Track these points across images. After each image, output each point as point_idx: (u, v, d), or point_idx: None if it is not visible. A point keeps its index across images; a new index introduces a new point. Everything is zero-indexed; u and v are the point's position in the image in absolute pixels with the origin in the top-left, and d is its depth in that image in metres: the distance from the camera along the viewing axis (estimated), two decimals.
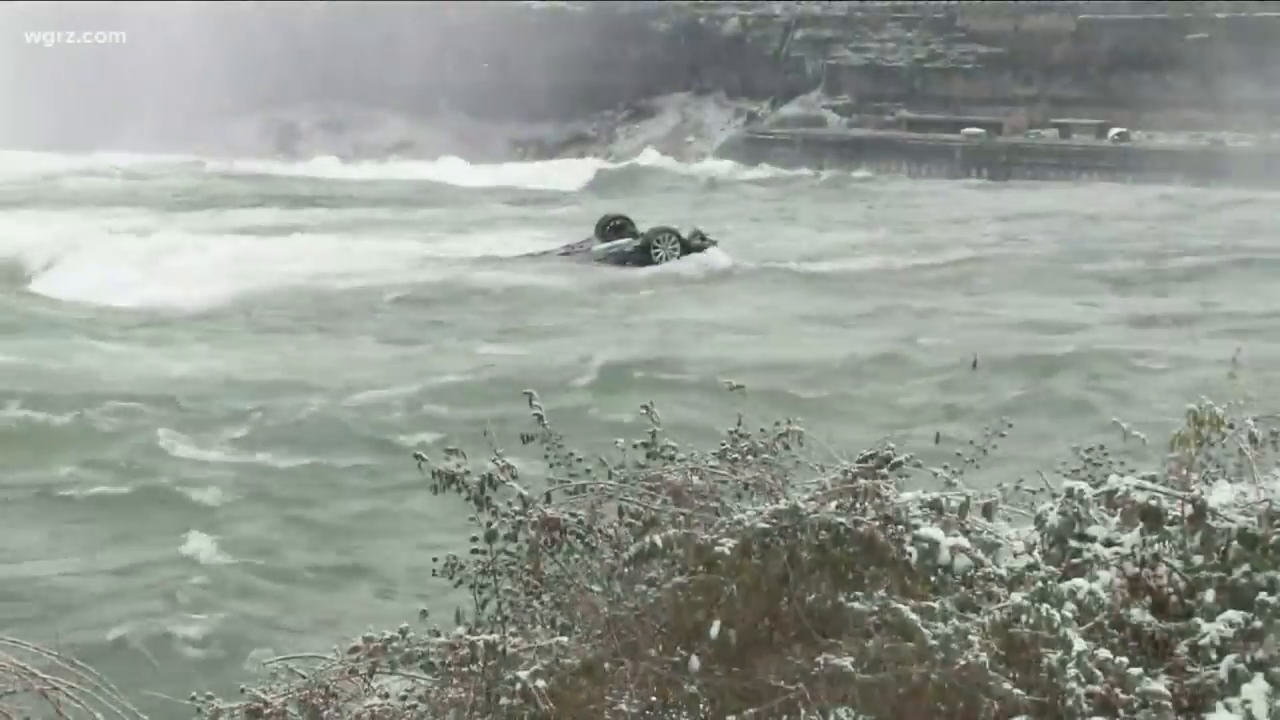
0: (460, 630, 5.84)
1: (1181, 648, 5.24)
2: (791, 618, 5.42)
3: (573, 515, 5.99)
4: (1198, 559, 5.44)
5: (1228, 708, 5.00)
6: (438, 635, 5.86)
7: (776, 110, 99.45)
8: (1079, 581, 5.31)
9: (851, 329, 36.83)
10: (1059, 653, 5.04)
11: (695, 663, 5.40)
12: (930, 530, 5.44)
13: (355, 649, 5.91)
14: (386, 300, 41.23)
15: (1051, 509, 5.60)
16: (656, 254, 47.86)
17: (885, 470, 5.68)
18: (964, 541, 5.46)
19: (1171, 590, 5.46)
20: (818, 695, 5.14)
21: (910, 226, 61.03)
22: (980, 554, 5.49)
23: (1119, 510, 5.48)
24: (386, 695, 6.01)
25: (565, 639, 5.67)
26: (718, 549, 5.43)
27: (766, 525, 5.44)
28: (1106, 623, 5.27)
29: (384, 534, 20.15)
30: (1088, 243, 55.30)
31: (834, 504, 5.53)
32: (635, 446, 6.29)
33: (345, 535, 20.41)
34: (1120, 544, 5.50)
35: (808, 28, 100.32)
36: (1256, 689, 5.01)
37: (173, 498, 21.72)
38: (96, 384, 29.00)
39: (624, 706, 5.54)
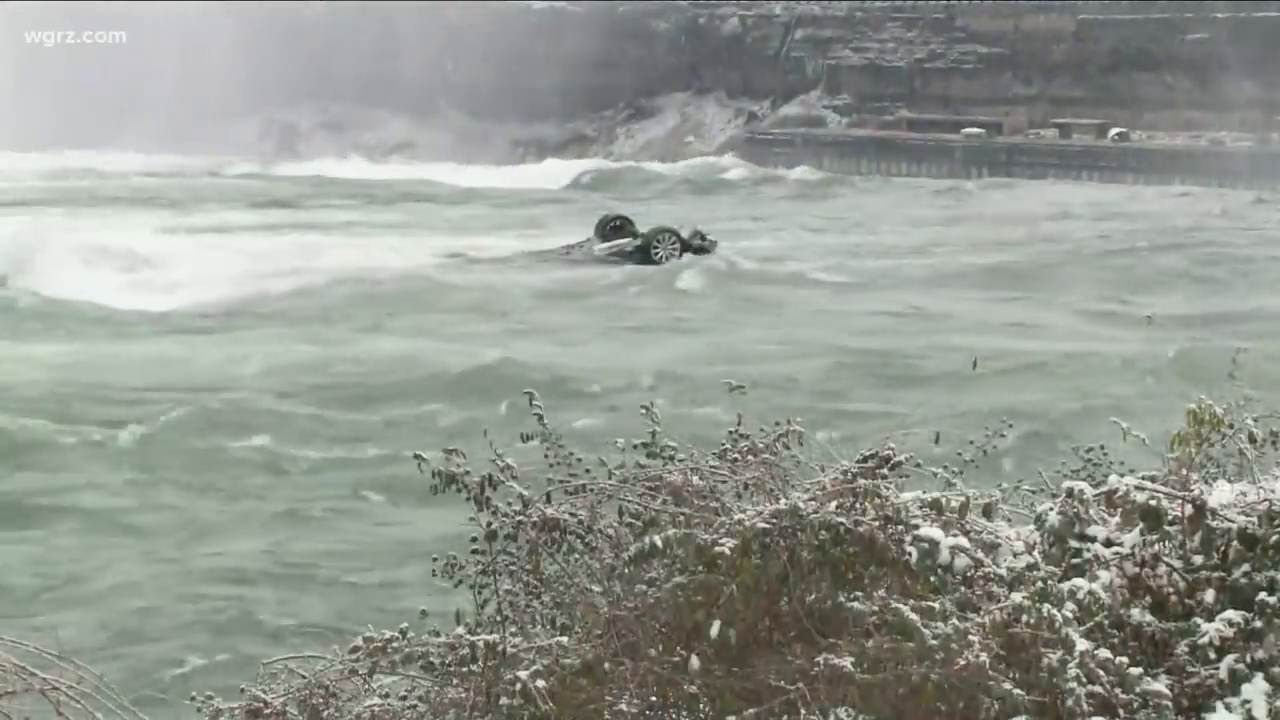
0: (460, 630, 5.84)
1: (1181, 648, 5.24)
2: (791, 618, 5.42)
3: (573, 515, 5.99)
4: (1198, 559, 5.44)
5: (1228, 708, 5.00)
6: (438, 635, 5.86)
7: (776, 110, 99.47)
8: (1079, 581, 5.31)
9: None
10: (1059, 653, 5.04)
11: (695, 663, 5.40)
12: (930, 530, 5.44)
13: (355, 649, 5.91)
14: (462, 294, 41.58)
15: (1051, 509, 5.60)
16: (656, 254, 47.95)
17: (885, 470, 5.67)
18: (964, 541, 5.46)
19: (1171, 590, 5.45)
20: (818, 695, 5.14)
21: (952, 225, 61.03)
22: (980, 554, 5.49)
23: (1119, 510, 5.48)
24: (386, 695, 6.00)
25: (565, 639, 5.67)
26: (718, 549, 5.43)
27: (766, 525, 5.44)
28: (1106, 623, 5.27)
29: None
30: (1181, 237, 55.59)
31: (834, 504, 5.53)
32: (635, 447, 6.29)
33: None
34: (1120, 544, 5.50)
35: (808, 28, 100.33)
36: (1256, 689, 5.01)
37: None
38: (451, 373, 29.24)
39: (624, 706, 5.54)
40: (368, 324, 36.79)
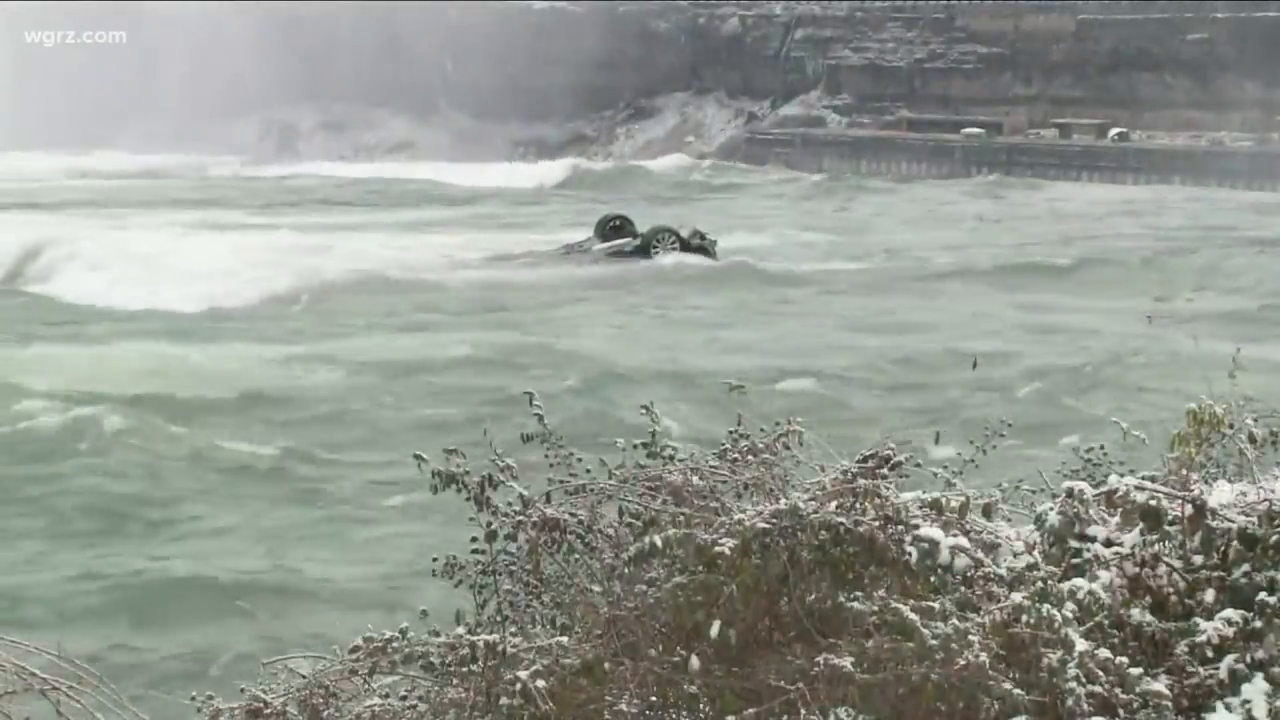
0: (460, 630, 5.84)
1: (1181, 648, 5.24)
2: (791, 618, 5.42)
3: (573, 515, 5.98)
4: (1198, 559, 5.43)
5: (1228, 708, 5.00)
6: (438, 635, 5.86)
7: (776, 110, 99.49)
8: (1079, 581, 5.30)
9: None
10: (1059, 653, 5.03)
11: (695, 663, 5.39)
12: (930, 530, 5.43)
13: (355, 649, 5.90)
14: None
15: (1051, 509, 5.59)
16: (656, 253, 48.02)
17: (885, 470, 5.67)
18: (964, 541, 5.46)
19: (1171, 590, 5.45)
20: (818, 695, 5.13)
21: (990, 226, 61.06)
22: (980, 554, 5.49)
23: (1119, 510, 5.48)
24: (386, 695, 6.00)
25: (565, 639, 5.66)
26: (718, 549, 5.42)
27: (766, 525, 5.43)
28: (1106, 623, 5.26)
29: None
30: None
31: (834, 504, 5.53)
32: (635, 447, 6.29)
33: None
34: (1120, 544, 5.50)
35: (808, 28, 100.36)
36: (1256, 689, 5.01)
37: None
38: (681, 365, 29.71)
39: (624, 706, 5.54)
40: (537, 317, 37.67)
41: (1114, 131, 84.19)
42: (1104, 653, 5.07)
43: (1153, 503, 5.40)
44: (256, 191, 73.75)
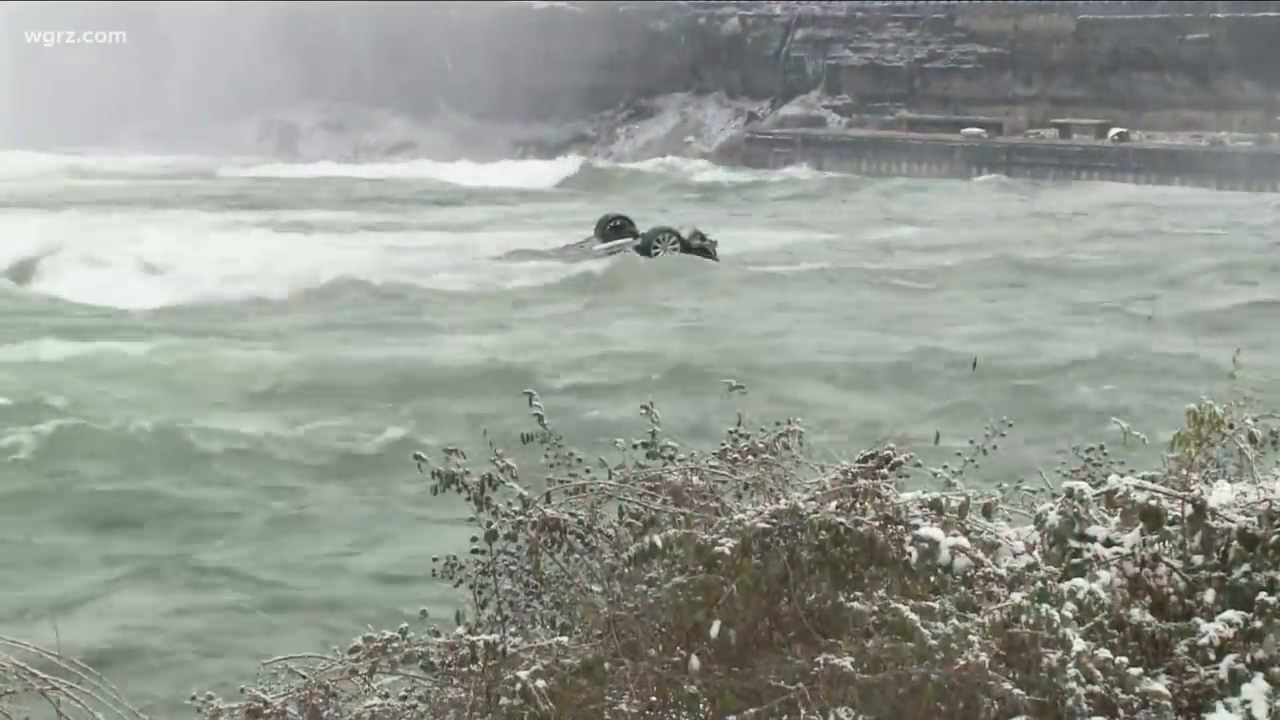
0: (460, 630, 5.84)
1: (1181, 648, 5.24)
2: (791, 618, 5.42)
3: (573, 515, 5.99)
4: (1198, 559, 5.43)
5: (1228, 708, 5.00)
6: (438, 635, 5.86)
7: (776, 110, 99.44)
8: (1079, 581, 5.30)
9: None
10: (1059, 653, 5.03)
11: (695, 663, 5.39)
12: (930, 530, 5.43)
13: (355, 649, 5.91)
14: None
15: (1051, 509, 5.59)
16: (656, 254, 47.99)
17: (885, 470, 5.67)
18: (964, 541, 5.46)
19: (1171, 590, 5.45)
20: (818, 695, 5.14)
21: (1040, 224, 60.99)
22: (980, 554, 5.49)
23: (1119, 510, 5.48)
24: (386, 695, 6.00)
25: (565, 639, 5.66)
26: (718, 549, 5.42)
27: (766, 525, 5.44)
28: (1106, 623, 5.26)
29: None
30: None
31: (834, 504, 5.53)
32: (635, 447, 6.29)
33: None
34: (1120, 544, 5.50)
35: (808, 28, 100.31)
36: (1256, 689, 5.01)
37: None
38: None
39: (624, 706, 5.54)
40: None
41: (1114, 131, 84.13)
42: (1104, 653, 5.07)
43: (1153, 503, 5.40)
44: (298, 191, 72.99)
